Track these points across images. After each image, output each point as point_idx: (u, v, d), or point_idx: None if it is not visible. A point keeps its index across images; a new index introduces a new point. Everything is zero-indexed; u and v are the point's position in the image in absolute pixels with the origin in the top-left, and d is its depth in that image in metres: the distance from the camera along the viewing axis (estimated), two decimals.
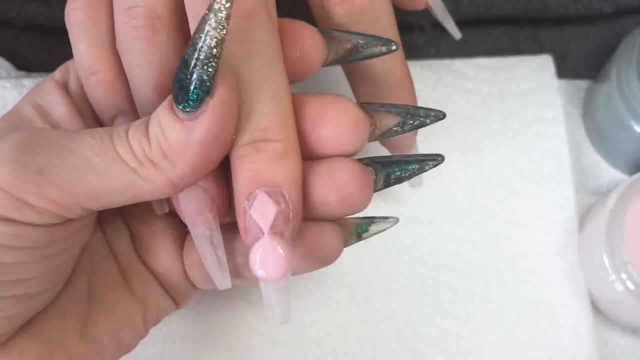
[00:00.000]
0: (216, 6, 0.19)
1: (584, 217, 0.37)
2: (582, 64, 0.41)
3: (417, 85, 0.39)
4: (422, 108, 0.25)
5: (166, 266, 0.27)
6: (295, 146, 0.22)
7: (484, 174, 0.38)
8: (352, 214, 0.24)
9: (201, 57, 0.20)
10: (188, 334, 0.35)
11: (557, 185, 0.37)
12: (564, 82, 0.40)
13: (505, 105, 0.38)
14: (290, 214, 0.22)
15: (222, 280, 0.25)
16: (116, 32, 0.25)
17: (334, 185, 0.23)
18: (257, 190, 0.22)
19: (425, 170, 0.25)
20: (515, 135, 0.38)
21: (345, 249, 0.25)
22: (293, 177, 0.22)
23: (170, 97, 0.21)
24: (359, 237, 0.26)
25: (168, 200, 0.26)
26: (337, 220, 0.25)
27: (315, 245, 0.24)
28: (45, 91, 0.27)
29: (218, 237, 0.24)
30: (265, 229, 0.21)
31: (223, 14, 0.20)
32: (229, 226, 0.26)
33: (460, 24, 0.37)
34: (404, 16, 0.32)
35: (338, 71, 0.31)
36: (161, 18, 0.24)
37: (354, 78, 0.30)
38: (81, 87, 0.27)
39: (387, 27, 0.27)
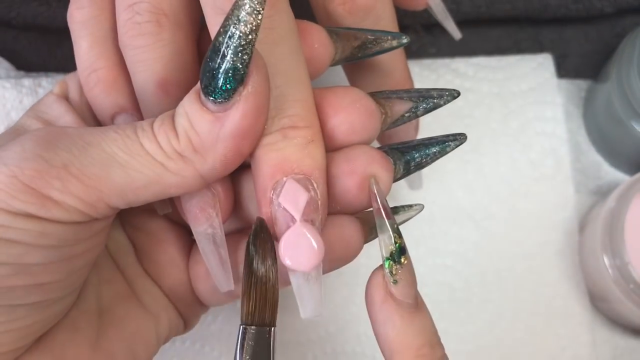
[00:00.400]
0: None
1: (584, 217, 0.37)
2: (583, 64, 0.40)
3: (417, 85, 0.39)
4: (434, 90, 0.24)
5: (173, 279, 0.27)
6: (320, 133, 0.22)
7: (483, 174, 0.38)
8: (370, 204, 0.23)
9: (234, 44, 0.19)
10: (188, 334, 0.35)
11: (557, 184, 0.37)
12: (565, 82, 0.40)
13: (504, 104, 0.38)
14: (319, 202, 0.21)
15: (225, 281, 0.24)
16: (118, 29, 0.24)
17: (354, 171, 0.22)
18: (285, 178, 0.21)
19: (447, 152, 0.24)
20: (515, 134, 0.38)
21: None
22: (320, 164, 0.22)
23: (196, 88, 0.21)
24: None
25: (172, 204, 0.26)
26: (357, 214, 0.24)
27: (336, 240, 0.23)
28: (47, 105, 0.26)
29: (221, 235, 0.23)
30: (297, 215, 0.21)
31: None
32: (233, 235, 0.25)
33: (460, 23, 0.37)
34: (402, 17, 0.32)
35: (338, 74, 0.31)
36: (167, 14, 0.24)
37: (355, 80, 0.30)
38: (81, 97, 0.27)
39: (389, 27, 0.27)
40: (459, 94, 0.25)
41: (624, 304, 0.33)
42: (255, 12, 0.19)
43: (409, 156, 0.24)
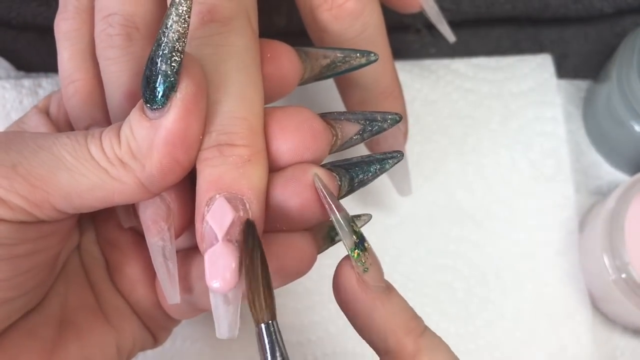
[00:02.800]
0: (177, 0, 0.20)
1: (584, 217, 0.37)
2: (583, 64, 0.40)
3: (417, 85, 0.39)
4: (378, 113, 0.25)
5: (138, 293, 0.27)
6: (261, 153, 0.22)
7: (483, 174, 0.38)
8: (317, 222, 0.23)
9: (165, 51, 0.20)
10: (188, 334, 0.35)
11: (557, 184, 0.37)
12: (565, 82, 0.40)
13: (504, 104, 0.38)
14: None
15: (171, 294, 0.24)
16: (95, 39, 0.25)
17: (294, 193, 0.22)
18: (217, 196, 0.21)
19: (387, 169, 0.24)
20: (514, 134, 0.38)
21: (343, 249, 0.25)
22: (256, 184, 0.22)
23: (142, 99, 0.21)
24: (332, 241, 0.25)
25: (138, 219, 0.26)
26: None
27: (286, 256, 0.23)
28: (28, 117, 0.27)
29: (170, 249, 0.23)
30: (220, 235, 0.21)
31: (184, 7, 0.20)
32: (190, 250, 0.26)
33: (460, 24, 0.37)
34: (403, 17, 0.32)
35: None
36: (138, 27, 0.24)
37: (342, 86, 0.30)
38: (59, 112, 0.27)
39: (377, 33, 0.27)
40: (401, 118, 0.25)
41: (624, 304, 0.33)
42: (181, 20, 0.20)
43: (353, 172, 0.24)
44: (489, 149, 0.38)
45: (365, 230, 0.33)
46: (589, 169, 0.39)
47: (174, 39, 0.20)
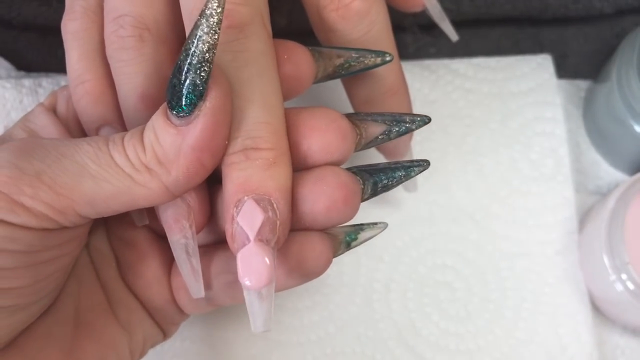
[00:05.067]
0: (208, 11, 0.20)
1: (584, 217, 0.37)
2: (583, 64, 0.40)
3: (417, 85, 0.39)
4: (407, 115, 0.25)
5: (152, 291, 0.27)
6: (286, 155, 0.22)
7: (483, 174, 0.38)
8: (340, 224, 0.24)
9: (194, 61, 0.20)
10: (187, 334, 0.35)
11: (557, 184, 0.37)
12: (564, 82, 0.40)
13: (504, 104, 0.38)
14: (278, 222, 0.22)
15: (196, 289, 0.25)
16: (105, 40, 0.25)
17: (322, 193, 0.23)
18: (246, 197, 0.22)
19: (412, 177, 0.25)
20: (514, 134, 0.38)
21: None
22: (282, 185, 0.22)
23: (165, 103, 0.21)
24: (349, 246, 0.26)
25: (153, 216, 0.26)
26: (325, 231, 0.25)
27: (303, 256, 0.24)
28: (34, 115, 0.27)
29: (193, 245, 0.24)
30: (252, 235, 0.21)
31: (215, 19, 0.20)
32: (209, 247, 0.26)
33: (460, 24, 0.37)
34: (402, 19, 0.32)
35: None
36: (149, 29, 0.24)
37: (348, 84, 0.30)
38: (68, 110, 0.27)
39: (383, 32, 0.27)
40: (429, 119, 0.25)
41: (624, 304, 0.33)
42: (212, 31, 0.20)
43: (377, 177, 0.25)
44: (489, 148, 0.38)
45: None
46: (588, 168, 0.39)
47: (204, 50, 0.20)
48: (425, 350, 0.35)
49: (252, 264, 0.21)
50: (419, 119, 0.25)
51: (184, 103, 0.20)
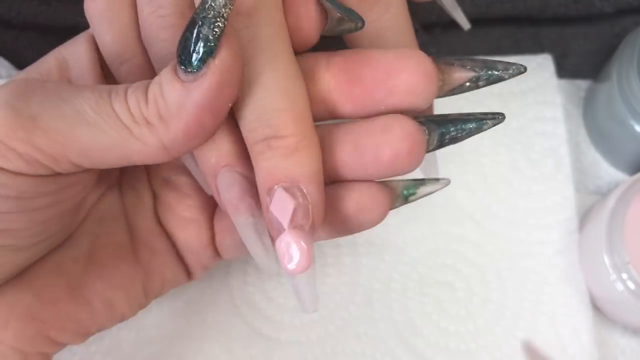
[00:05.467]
0: None
1: (584, 217, 0.37)
2: (583, 64, 0.40)
3: None
4: (500, 62, 0.24)
5: (189, 232, 0.27)
6: (309, 138, 0.22)
7: (483, 173, 0.38)
8: (401, 174, 0.24)
9: (209, 15, 0.20)
10: (187, 333, 0.35)
11: (557, 184, 0.37)
12: (565, 82, 0.40)
13: (504, 104, 0.38)
14: (310, 206, 0.22)
15: (270, 266, 0.24)
16: (141, 24, 0.24)
17: (387, 143, 0.23)
18: (276, 187, 0.22)
19: (484, 130, 0.24)
20: (515, 134, 0.38)
21: (343, 249, 0.25)
22: (309, 170, 0.22)
23: (175, 59, 0.21)
24: (406, 200, 0.26)
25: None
26: (385, 182, 0.25)
27: (361, 205, 0.24)
28: (73, 43, 0.27)
29: (261, 222, 0.24)
30: (285, 224, 0.22)
31: None
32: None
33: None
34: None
35: None
36: (189, 5, 0.24)
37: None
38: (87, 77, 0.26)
39: (400, 14, 0.27)
40: (525, 69, 0.24)
41: (624, 304, 0.33)
42: None
43: (445, 128, 0.24)
44: (489, 148, 0.38)
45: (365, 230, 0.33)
46: (588, 168, 0.39)
47: (221, 4, 0.20)
48: (425, 350, 0.35)
49: (290, 251, 0.22)
50: (514, 67, 0.24)
51: (194, 58, 0.20)
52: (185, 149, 0.22)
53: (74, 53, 0.26)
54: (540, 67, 0.39)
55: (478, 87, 0.24)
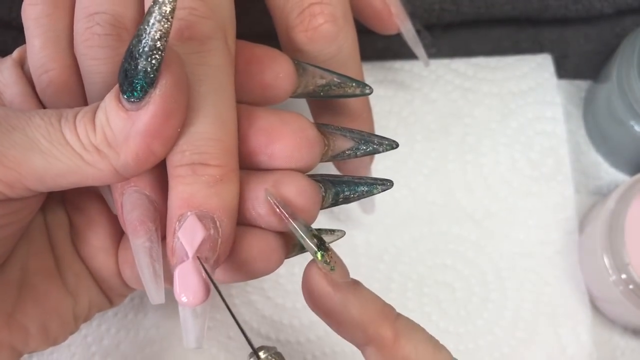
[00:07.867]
0: (161, 0, 0.20)
1: (584, 217, 0.37)
2: (583, 64, 0.40)
3: (416, 85, 0.39)
4: (376, 136, 0.25)
5: (98, 260, 0.27)
6: (234, 172, 0.22)
7: (483, 173, 0.38)
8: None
9: (145, 49, 0.20)
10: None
11: (557, 184, 0.37)
12: (565, 82, 0.40)
13: (504, 104, 0.38)
14: (219, 240, 0.22)
15: (156, 295, 0.24)
16: (75, 35, 0.24)
17: (281, 197, 0.23)
18: (189, 213, 0.21)
19: (374, 194, 0.25)
20: (514, 134, 0.38)
21: (344, 249, 0.25)
22: (227, 204, 0.22)
23: (117, 86, 0.21)
24: (302, 249, 0.26)
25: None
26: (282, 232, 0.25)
27: (257, 253, 0.24)
28: (1, 70, 0.27)
29: (157, 249, 0.23)
30: (190, 252, 0.21)
31: (167, 8, 0.20)
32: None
33: (460, 24, 0.37)
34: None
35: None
36: (127, 29, 0.24)
37: (313, 105, 0.30)
38: None
39: (351, 56, 0.27)
40: (397, 145, 0.26)
41: (624, 304, 0.33)
42: (164, 19, 0.20)
43: (339, 188, 0.25)
44: (489, 148, 0.38)
45: (365, 230, 0.34)
46: (588, 169, 0.39)
47: (156, 37, 0.20)
48: None
49: (189, 281, 0.21)
50: (386, 142, 0.25)
51: (135, 89, 0.20)
52: (139, 171, 0.22)
53: (2, 79, 0.26)
54: (540, 67, 0.39)
55: (357, 156, 0.25)
